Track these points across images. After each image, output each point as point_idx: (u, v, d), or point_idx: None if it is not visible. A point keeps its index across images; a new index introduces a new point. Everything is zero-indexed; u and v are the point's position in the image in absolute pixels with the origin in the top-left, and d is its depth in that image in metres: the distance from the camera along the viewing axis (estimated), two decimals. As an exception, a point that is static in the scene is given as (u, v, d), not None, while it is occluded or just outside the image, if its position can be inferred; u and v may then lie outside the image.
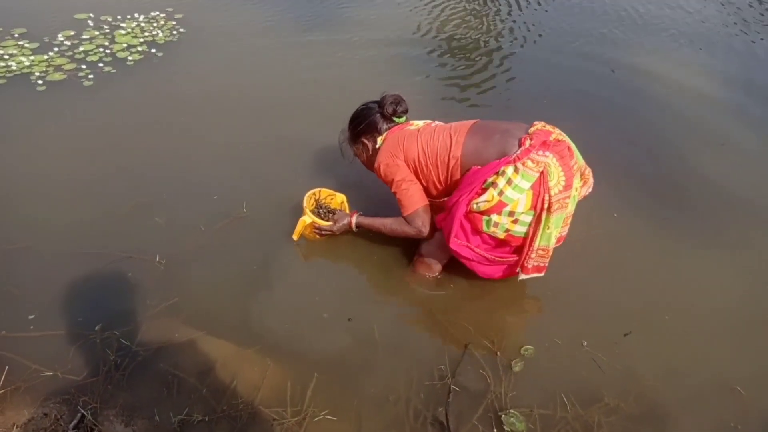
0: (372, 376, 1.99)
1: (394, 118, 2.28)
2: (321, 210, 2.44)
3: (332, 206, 2.49)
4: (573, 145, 2.07)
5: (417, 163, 2.15)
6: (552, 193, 1.93)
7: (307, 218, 2.34)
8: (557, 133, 2.03)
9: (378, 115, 2.27)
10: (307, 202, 2.40)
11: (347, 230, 2.38)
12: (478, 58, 3.95)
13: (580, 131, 3.14)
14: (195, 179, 2.78)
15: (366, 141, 2.32)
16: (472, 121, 2.15)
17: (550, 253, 2.07)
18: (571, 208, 2.03)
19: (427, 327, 2.19)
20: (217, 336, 2.09)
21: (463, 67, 3.85)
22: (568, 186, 1.96)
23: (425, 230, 2.19)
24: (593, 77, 3.78)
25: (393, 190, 2.20)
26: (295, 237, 2.40)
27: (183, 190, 2.71)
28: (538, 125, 2.03)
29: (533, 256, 2.05)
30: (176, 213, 2.58)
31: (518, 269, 2.12)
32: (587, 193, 2.17)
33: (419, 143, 2.14)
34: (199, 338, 2.08)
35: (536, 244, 2.02)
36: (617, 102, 3.53)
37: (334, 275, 2.37)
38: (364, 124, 2.29)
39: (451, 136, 2.09)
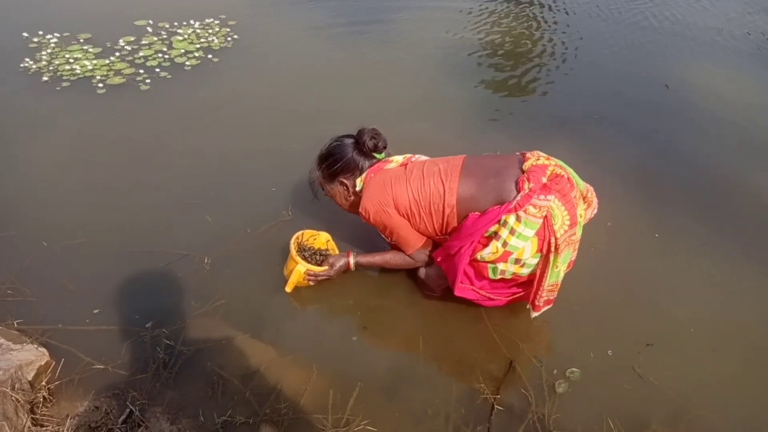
0: (414, 388, 1.98)
1: (375, 154, 2.16)
2: (306, 253, 2.27)
3: (316, 246, 2.34)
4: (571, 172, 1.99)
5: (409, 212, 2.05)
6: (558, 234, 1.86)
7: (302, 267, 2.16)
8: (553, 165, 1.95)
9: (356, 152, 2.14)
10: (295, 249, 2.23)
11: (345, 271, 2.27)
12: (526, 69, 3.91)
13: (631, 147, 3.12)
14: (244, 181, 2.84)
15: (345, 181, 2.16)
16: (460, 159, 2.06)
17: (559, 285, 2.02)
18: (578, 234, 1.96)
19: (472, 339, 2.15)
20: (261, 340, 2.12)
21: (511, 78, 3.82)
22: (573, 223, 1.90)
23: (429, 261, 2.20)
24: (646, 91, 3.68)
25: (387, 235, 2.16)
26: (288, 289, 2.22)
27: (232, 192, 2.78)
28: (532, 159, 1.96)
29: (543, 294, 2.00)
30: (224, 214, 2.64)
31: (528, 306, 2.07)
32: (593, 215, 2.10)
33: (410, 191, 2.03)
34: (243, 341, 2.11)
35: (545, 283, 1.96)
36: (670, 118, 3.43)
37: (379, 283, 2.36)
38: (342, 162, 2.13)
39: (443, 182, 1.98)
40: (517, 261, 1.93)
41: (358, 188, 2.15)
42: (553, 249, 1.88)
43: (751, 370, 2.06)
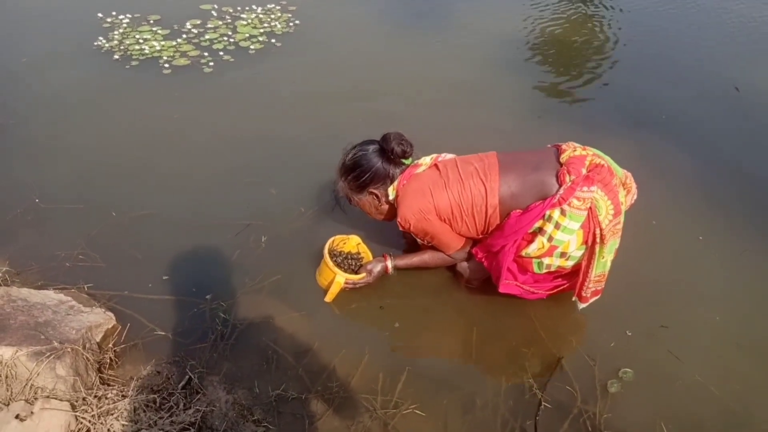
0: (462, 378, 2.00)
1: (403, 160, 2.08)
2: (338, 258, 2.24)
3: (346, 250, 2.30)
4: (609, 160, 1.95)
5: (451, 216, 2.02)
6: (603, 225, 1.83)
7: (341, 278, 2.13)
8: (591, 155, 1.91)
9: (383, 160, 2.05)
10: (332, 258, 2.17)
11: (383, 275, 2.24)
12: (589, 64, 3.83)
13: (691, 150, 3.01)
14: (301, 162, 2.89)
15: (375, 191, 2.09)
16: (494, 156, 2.01)
17: (606, 275, 1.98)
18: (621, 223, 1.93)
19: (520, 334, 2.14)
20: (313, 319, 2.17)
21: (573, 72, 3.74)
22: (617, 212, 1.87)
23: (468, 256, 2.19)
24: (715, 93, 3.53)
25: (426, 240, 2.14)
26: (328, 299, 2.20)
27: (288, 172, 2.84)
28: (568, 150, 1.92)
29: (590, 285, 1.96)
30: (282, 193, 2.72)
31: (575, 299, 2.04)
32: (633, 201, 2.04)
33: (451, 196, 1.98)
34: (296, 318, 2.17)
35: (591, 274, 1.93)
36: (737, 123, 3.28)
37: (422, 276, 2.34)
38: (371, 172, 2.05)
39: (483, 183, 1.94)
40: (562, 255, 1.92)
41: (391, 197, 2.10)
42: (598, 240, 1.86)
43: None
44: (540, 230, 1.88)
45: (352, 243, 2.34)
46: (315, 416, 1.86)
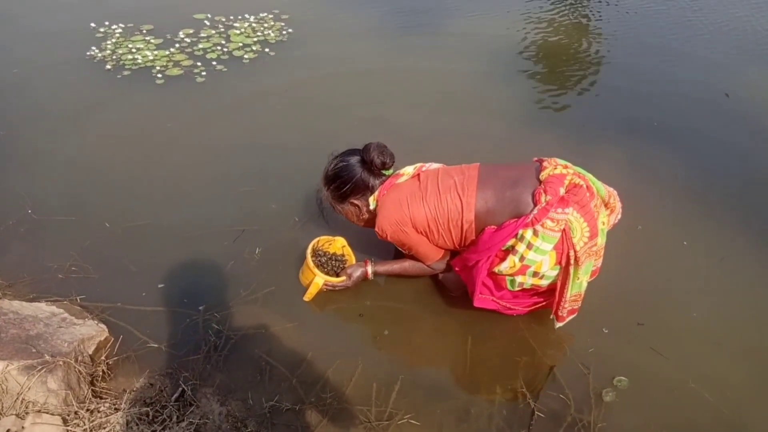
0: (456, 386, 2.00)
1: (383, 171, 2.10)
2: (322, 258, 2.27)
3: (331, 251, 2.33)
4: (591, 178, 1.94)
5: (427, 229, 2.02)
6: (577, 248, 1.82)
7: (320, 279, 2.16)
8: (572, 174, 1.90)
9: (364, 171, 2.08)
10: (313, 259, 2.21)
11: (363, 280, 2.26)
12: (581, 70, 3.85)
13: (680, 155, 3.04)
14: (294, 171, 2.87)
15: (356, 202, 2.12)
16: (475, 169, 2.01)
17: (583, 294, 1.98)
18: (601, 242, 1.91)
19: (513, 343, 2.14)
20: (307, 330, 2.17)
21: (567, 79, 3.76)
22: (593, 234, 1.85)
23: (447, 267, 2.21)
24: (704, 99, 3.56)
25: (405, 250, 2.16)
26: (307, 299, 2.23)
27: (282, 181, 2.84)
28: (549, 168, 1.91)
29: (566, 305, 1.96)
30: (277, 203, 2.71)
31: (552, 317, 2.04)
32: (617, 221, 2.04)
33: (427, 209, 1.99)
34: (290, 329, 2.16)
35: (567, 295, 1.92)
36: (726, 128, 3.30)
37: (419, 284, 2.35)
38: (351, 184, 2.07)
39: (460, 198, 1.95)
40: (535, 274, 1.91)
41: (371, 207, 2.12)
42: (572, 262, 1.85)
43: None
44: (512, 249, 1.87)
45: (338, 245, 2.36)
46: (309, 428, 1.86)
